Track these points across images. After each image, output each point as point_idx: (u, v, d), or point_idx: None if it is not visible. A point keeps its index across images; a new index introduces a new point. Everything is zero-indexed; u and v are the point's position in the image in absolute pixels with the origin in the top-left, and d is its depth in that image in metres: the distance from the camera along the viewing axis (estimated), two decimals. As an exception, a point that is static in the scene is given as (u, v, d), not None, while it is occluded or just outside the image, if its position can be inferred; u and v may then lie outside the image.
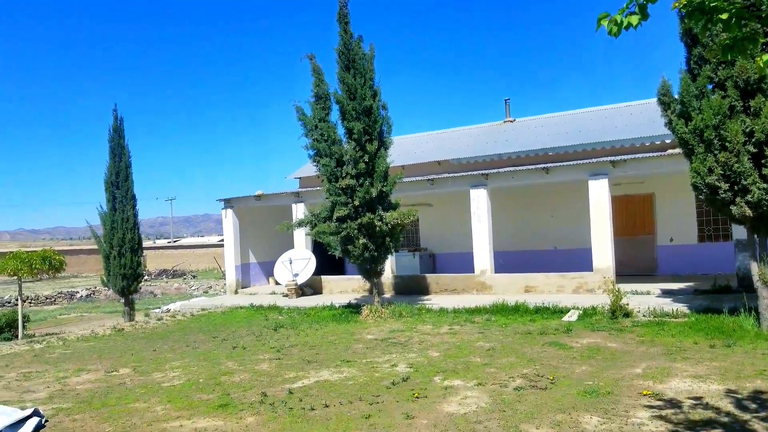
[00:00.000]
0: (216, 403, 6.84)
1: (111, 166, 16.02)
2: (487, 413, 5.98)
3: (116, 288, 15.84)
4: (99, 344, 11.74)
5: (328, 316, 13.56)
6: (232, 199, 20.15)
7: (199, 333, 12.40)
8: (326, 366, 8.52)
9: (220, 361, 9.30)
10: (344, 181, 12.77)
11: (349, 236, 12.95)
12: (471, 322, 11.76)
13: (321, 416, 6.15)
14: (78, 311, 21.60)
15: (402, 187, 15.01)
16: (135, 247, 15.96)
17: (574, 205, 17.40)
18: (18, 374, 9.05)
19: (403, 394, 6.82)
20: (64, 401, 7.27)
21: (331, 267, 19.39)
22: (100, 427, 6.16)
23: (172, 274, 41.73)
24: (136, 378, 8.42)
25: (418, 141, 23.37)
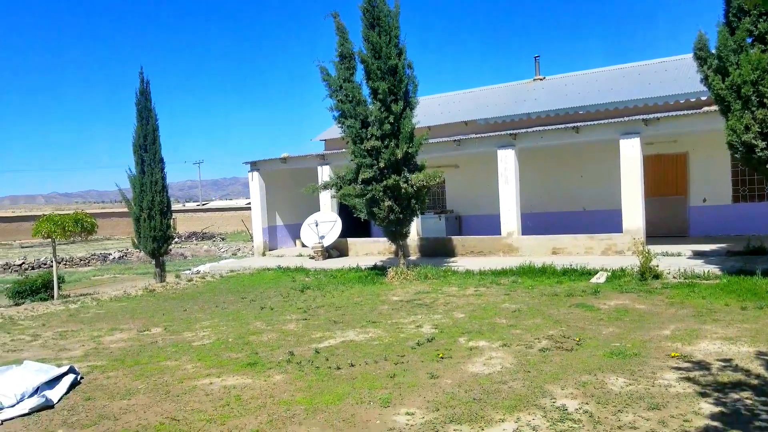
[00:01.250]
0: (244, 361, 6.97)
1: (139, 129, 16.11)
2: (511, 374, 5.98)
3: (147, 250, 16.13)
4: (131, 304, 12.03)
5: (354, 278, 13.65)
6: (258, 162, 20.22)
7: (228, 294, 12.61)
8: (352, 326, 8.60)
9: (249, 321, 9.46)
10: (369, 142, 12.66)
11: (374, 198, 12.91)
12: (497, 284, 11.72)
13: (346, 375, 6.23)
14: (111, 272, 22.14)
15: (428, 148, 14.84)
16: (164, 210, 16.15)
17: (604, 166, 17.05)
18: (54, 333, 9.34)
19: (428, 354, 6.85)
20: (98, 359, 7.49)
21: (356, 229, 19.45)
22: (133, 384, 6.33)
23: (201, 236, 42.39)
24: (167, 337, 8.62)
25: (444, 101, 23.01)
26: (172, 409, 5.49)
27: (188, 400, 5.70)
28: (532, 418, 4.80)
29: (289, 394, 5.74)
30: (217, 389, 6.00)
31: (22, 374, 6.26)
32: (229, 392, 5.88)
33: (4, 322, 10.47)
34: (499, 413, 4.93)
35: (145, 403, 5.67)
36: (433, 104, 22.38)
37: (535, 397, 5.28)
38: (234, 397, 5.70)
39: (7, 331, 9.65)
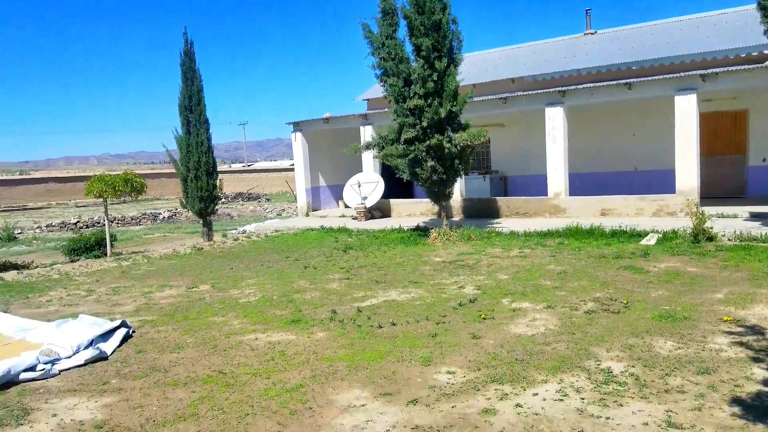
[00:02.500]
0: (288, 318, 7.09)
1: (184, 90, 16.27)
2: (555, 335, 5.89)
3: (194, 210, 16.47)
4: (180, 262, 12.36)
5: (396, 238, 13.64)
6: (301, 123, 20.23)
7: (273, 253, 12.81)
8: (394, 286, 8.62)
9: (293, 279, 9.59)
10: (412, 101, 12.45)
11: (417, 159, 12.77)
12: (542, 245, 11.52)
13: (388, 333, 6.26)
14: (161, 231, 22.80)
15: (472, 106, 14.52)
16: (210, 170, 16.40)
17: (657, 123, 16.40)
18: (107, 289, 9.69)
19: (470, 314, 6.81)
20: (149, 314, 7.74)
21: (399, 190, 19.37)
22: (182, 338, 6.53)
23: (247, 197, 43.13)
24: (214, 294, 8.83)
25: (490, 58, 22.39)
26: (219, 362, 5.64)
27: (234, 355, 5.84)
28: (575, 379, 4.73)
29: (331, 350, 5.81)
30: (262, 345, 6.12)
31: (78, 327, 6.52)
32: (274, 348, 5.99)
33: (61, 278, 10.92)
34: (541, 374, 4.87)
35: (194, 357, 5.84)
36: (479, 61, 21.81)
37: (579, 359, 5.19)
38: (278, 353, 5.81)
39: (63, 286, 10.07)
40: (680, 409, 4.10)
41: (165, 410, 4.58)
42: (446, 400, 4.47)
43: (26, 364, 5.46)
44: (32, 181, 49.39)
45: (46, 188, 47.28)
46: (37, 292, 9.56)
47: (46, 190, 47.06)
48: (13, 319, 7.38)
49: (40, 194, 46.27)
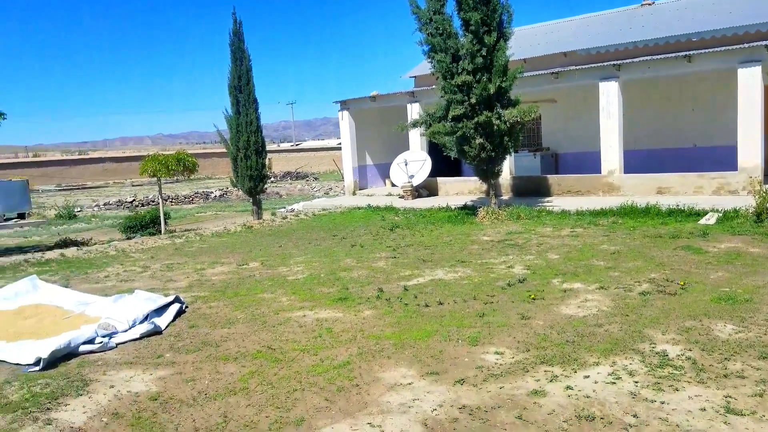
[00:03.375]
0: (336, 296, 7.13)
1: (233, 70, 16.44)
2: (608, 317, 5.73)
3: (244, 188, 16.74)
4: (231, 240, 12.61)
5: (443, 217, 13.54)
6: (348, 101, 20.21)
7: (320, 231, 12.92)
8: (441, 265, 8.55)
9: (340, 258, 9.65)
10: (460, 77, 12.23)
11: (465, 136, 12.57)
12: (595, 224, 11.22)
13: (435, 312, 6.22)
14: (212, 210, 23.33)
15: (523, 82, 14.17)
16: (259, 150, 16.59)
17: (718, 98, 15.63)
18: (161, 265, 9.97)
19: (519, 295, 6.70)
20: (201, 290, 7.92)
21: (446, 168, 19.18)
22: (233, 314, 6.66)
23: (295, 176, 43.63)
24: (263, 271, 8.97)
25: (541, 31, 21.76)
26: (268, 338, 5.73)
27: (283, 331, 5.92)
28: (629, 362, 4.58)
29: (378, 328, 5.82)
30: (310, 321, 6.18)
31: (134, 302, 6.74)
32: (321, 325, 6.04)
33: (118, 255, 11.31)
34: (593, 356, 4.75)
35: (244, 332, 5.95)
36: (530, 35, 21.22)
37: (633, 341, 5.03)
38: (326, 330, 5.86)
39: (120, 262, 10.42)
40: (740, 395, 3.93)
41: (216, 384, 4.69)
42: (494, 381, 4.42)
43: (85, 337, 5.67)
44: (90, 161, 51.31)
45: (103, 168, 49.04)
46: (95, 268, 9.92)
47: (104, 169, 48.82)
48: (73, 294, 7.68)
49: (97, 174, 48.05)
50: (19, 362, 5.29)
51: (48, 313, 6.84)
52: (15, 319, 6.64)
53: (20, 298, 7.47)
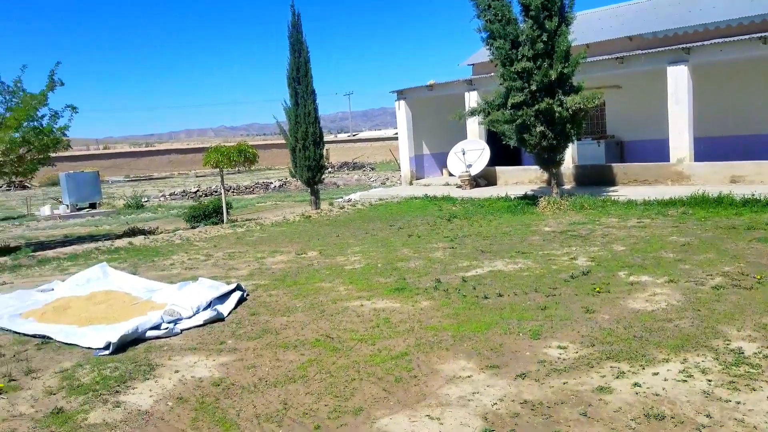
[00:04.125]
0: (393, 286, 7.11)
1: (292, 62, 16.61)
2: (678, 312, 5.47)
3: (302, 179, 16.94)
4: (290, 229, 12.79)
5: (502, 207, 13.31)
6: (404, 90, 20.10)
7: (377, 221, 12.93)
8: (500, 256, 8.39)
9: (397, 248, 9.62)
10: (520, 64, 11.94)
11: (525, 124, 12.29)
12: (663, 215, 10.77)
13: (494, 304, 6.10)
14: (272, 200, 23.76)
15: (586, 67, 13.71)
16: (317, 140, 16.74)
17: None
18: (224, 253, 10.21)
19: (583, 287, 6.49)
20: (261, 278, 8.06)
21: (505, 157, 18.82)
22: (292, 302, 6.74)
23: (352, 166, 43.90)
24: (321, 260, 9.05)
25: (605, 15, 20.96)
26: (326, 327, 5.76)
27: (341, 320, 5.94)
28: (701, 359, 4.36)
29: (436, 320, 5.76)
30: (368, 311, 6.18)
31: (198, 289, 6.92)
32: (379, 315, 6.03)
33: (183, 243, 11.66)
34: (662, 352, 4.54)
35: (303, 321, 6.01)
36: (593, 19, 20.49)
37: (706, 337, 4.78)
38: (383, 320, 5.84)
39: (184, 250, 10.74)
40: (827, 398, 3.66)
41: (276, 371, 4.75)
42: (557, 376, 4.29)
43: (152, 322, 5.86)
44: (157, 152, 53.22)
45: (169, 159, 50.77)
46: (161, 256, 10.27)
47: (169, 161, 50.54)
48: (141, 281, 7.97)
49: (163, 165, 49.79)
50: (90, 346, 5.51)
51: (117, 299, 7.12)
52: (86, 304, 6.94)
53: (91, 285, 7.81)
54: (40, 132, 12.37)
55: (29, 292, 7.71)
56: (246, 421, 3.94)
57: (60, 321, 6.30)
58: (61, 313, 6.60)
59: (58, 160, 17.28)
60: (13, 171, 12.92)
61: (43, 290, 7.80)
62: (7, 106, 12.07)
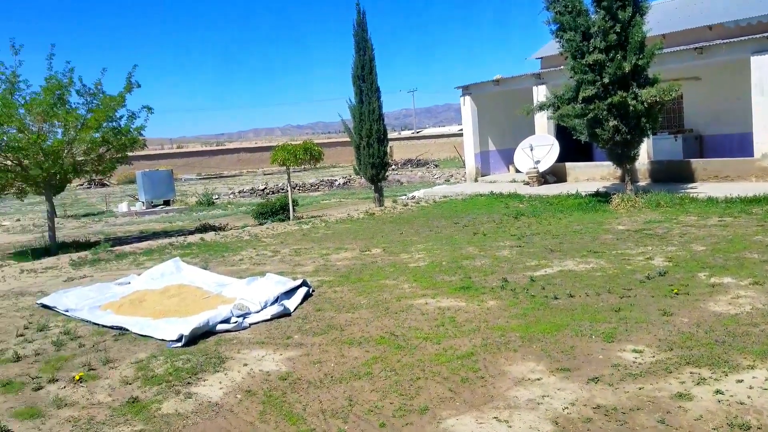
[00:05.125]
0: (458, 285, 7.00)
1: (357, 60, 16.71)
2: (764, 316, 5.13)
3: (366, 176, 17.03)
4: (354, 226, 12.87)
5: (572, 204, 12.94)
6: (470, 86, 19.86)
7: (441, 219, 12.82)
8: (571, 256, 8.13)
9: (462, 246, 9.49)
10: (591, 56, 11.55)
11: (596, 118, 11.89)
12: (747, 213, 10.16)
13: (565, 305, 5.90)
14: (336, 197, 24.01)
15: (662, 58, 13.11)
16: (381, 138, 16.78)
17: None
18: (290, 250, 10.37)
19: (660, 289, 6.18)
20: (326, 275, 8.13)
21: (576, 153, 18.25)
22: (356, 299, 6.75)
23: (416, 163, 43.80)
24: (385, 258, 9.04)
25: (683, 3, 19.97)
26: (391, 324, 5.73)
27: (405, 318, 5.90)
28: (792, 368, 4.05)
29: (503, 320, 5.62)
30: (432, 309, 6.11)
31: (265, 284, 7.05)
32: (444, 313, 5.95)
33: (251, 239, 11.93)
34: (747, 359, 4.26)
35: (367, 318, 6.00)
36: (669, 8, 19.57)
37: (798, 345, 4.44)
38: (448, 319, 5.75)
39: (253, 246, 10.99)
40: None
41: (342, 367, 4.75)
42: (632, 381, 4.11)
43: (222, 316, 6.01)
44: (226, 151, 54.91)
45: (238, 158, 52.28)
46: (231, 252, 10.54)
47: (238, 159, 52.03)
48: (211, 275, 8.20)
49: (233, 163, 51.30)
50: (163, 338, 5.70)
51: (189, 293, 7.34)
52: (161, 297, 7.19)
53: (165, 279, 8.10)
54: (118, 132, 12.95)
55: (107, 285, 8.08)
56: (312, 416, 3.96)
57: (136, 313, 6.56)
58: (137, 306, 6.87)
59: (134, 158, 18.09)
60: (94, 169, 13.60)
61: (120, 283, 8.16)
62: (88, 108, 12.69)
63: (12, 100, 11.79)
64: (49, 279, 9.11)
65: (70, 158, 12.72)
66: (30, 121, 12.03)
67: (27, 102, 11.99)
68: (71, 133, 12.40)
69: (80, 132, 12.34)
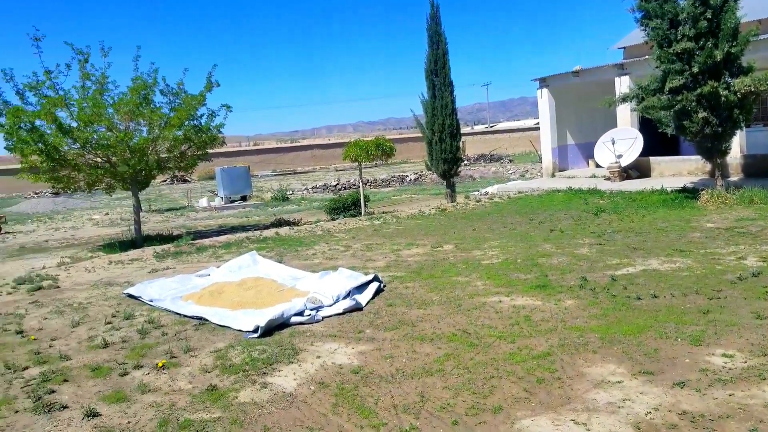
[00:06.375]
0: (534, 283, 6.80)
1: (430, 55, 16.60)
2: None
3: (438, 171, 16.91)
4: (425, 222, 12.79)
5: (657, 201, 12.35)
6: (547, 78, 19.31)
7: (516, 215, 12.53)
8: (655, 254, 7.73)
9: (537, 243, 9.23)
10: (679, 44, 10.94)
11: (684, 110, 11.26)
12: None
13: (648, 306, 5.61)
14: (407, 193, 24.00)
15: (758, 45, 12.25)
16: (454, 133, 16.60)
17: None
18: (362, 245, 10.43)
19: (753, 290, 5.78)
20: (397, 270, 8.11)
21: (661, 146, 17.39)
22: (428, 295, 6.68)
23: (489, 158, 43.15)
24: (457, 254, 8.92)
25: (780, -14, 18.58)
26: (463, 322, 5.63)
27: (478, 316, 5.78)
28: None
29: (582, 320, 5.41)
30: (506, 308, 5.96)
31: (338, 279, 7.11)
32: (519, 312, 5.79)
33: (324, 234, 12.09)
34: None
35: (439, 314, 5.93)
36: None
37: None
38: (523, 318, 5.60)
39: (325, 241, 11.13)
40: None
41: (413, 363, 4.71)
42: (721, 387, 3.87)
43: (296, 309, 6.10)
44: (300, 148, 56.10)
45: (311, 154, 53.28)
46: (304, 246, 10.72)
47: (312, 156, 53.03)
48: (286, 269, 8.36)
49: (306, 160, 52.34)
50: (240, 329, 5.85)
51: (265, 285, 7.51)
52: (238, 289, 7.40)
53: (242, 271, 8.33)
54: (199, 130, 13.45)
55: (189, 277, 8.40)
56: (384, 411, 3.94)
57: (215, 304, 6.77)
58: (215, 297, 7.10)
59: (213, 155, 18.75)
60: (176, 166, 14.19)
61: (200, 275, 8.46)
62: (171, 107, 13.25)
63: (101, 101, 12.46)
64: (135, 270, 9.58)
65: (154, 155, 13.33)
66: (118, 120, 12.68)
67: (115, 102, 12.63)
68: (155, 132, 12.98)
69: (164, 130, 12.90)
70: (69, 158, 12.36)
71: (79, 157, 12.60)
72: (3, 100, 11.87)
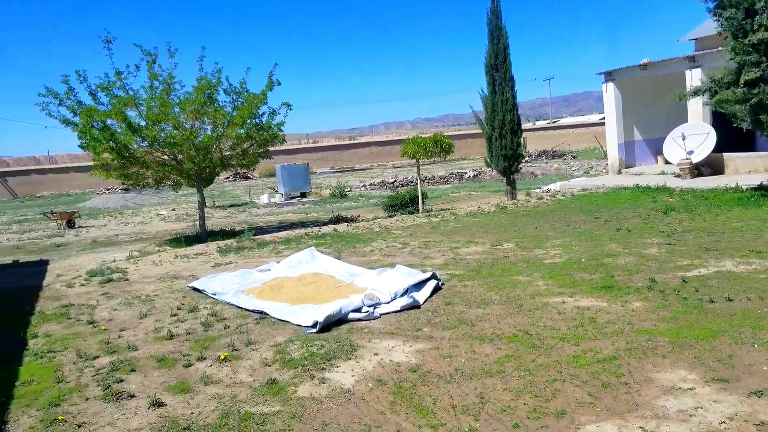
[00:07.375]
0: (599, 284, 6.58)
1: (490, 50, 16.32)
2: None
3: (498, 168, 16.62)
4: (484, 220, 12.61)
5: (731, 199, 11.74)
6: (613, 72, 18.69)
7: (580, 213, 12.18)
8: (730, 255, 7.34)
9: (603, 242, 8.93)
10: (756, 35, 10.36)
11: (762, 103, 10.67)
12: None
13: (722, 310, 5.32)
14: (466, 190, 23.73)
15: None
16: (514, 129, 16.27)
17: None
18: (419, 242, 10.37)
19: (842, 296, 5.37)
20: (456, 268, 8.01)
21: (736, 142, 16.53)
22: (487, 294, 6.57)
23: (551, 154, 42.15)
24: (518, 253, 8.73)
25: None
26: (524, 322, 5.50)
27: (540, 316, 5.63)
28: None
29: (650, 323, 5.18)
30: (570, 309, 5.79)
31: (395, 276, 7.09)
32: (583, 314, 5.60)
33: (381, 231, 12.11)
34: None
35: (499, 314, 5.81)
36: None
37: None
38: (588, 319, 5.41)
39: (383, 238, 11.13)
40: None
41: (472, 363, 4.63)
42: (805, 398, 3.59)
43: (354, 305, 6.11)
44: (358, 145, 56.42)
45: (369, 151, 53.52)
46: (362, 242, 10.76)
47: (369, 153, 53.26)
48: (344, 265, 8.41)
49: (364, 157, 52.62)
50: (299, 323, 5.92)
51: (323, 281, 7.58)
52: (297, 285, 7.49)
53: (302, 267, 8.43)
54: (261, 128, 13.71)
55: (250, 272, 8.57)
56: (442, 411, 3.89)
57: (275, 299, 6.87)
58: (276, 292, 7.21)
59: (274, 153, 19.08)
60: (239, 163, 14.52)
61: (261, 270, 8.62)
62: (234, 106, 13.56)
63: (168, 100, 12.88)
64: (199, 264, 9.86)
65: (218, 153, 13.68)
66: (184, 119, 13.07)
67: (181, 101, 13.03)
68: (219, 130, 13.31)
69: (227, 128, 13.22)
70: (138, 156, 12.83)
71: (147, 155, 13.06)
72: (77, 101, 12.44)
